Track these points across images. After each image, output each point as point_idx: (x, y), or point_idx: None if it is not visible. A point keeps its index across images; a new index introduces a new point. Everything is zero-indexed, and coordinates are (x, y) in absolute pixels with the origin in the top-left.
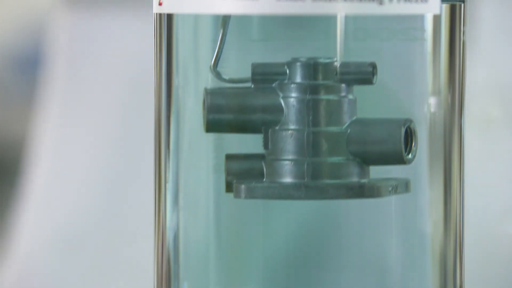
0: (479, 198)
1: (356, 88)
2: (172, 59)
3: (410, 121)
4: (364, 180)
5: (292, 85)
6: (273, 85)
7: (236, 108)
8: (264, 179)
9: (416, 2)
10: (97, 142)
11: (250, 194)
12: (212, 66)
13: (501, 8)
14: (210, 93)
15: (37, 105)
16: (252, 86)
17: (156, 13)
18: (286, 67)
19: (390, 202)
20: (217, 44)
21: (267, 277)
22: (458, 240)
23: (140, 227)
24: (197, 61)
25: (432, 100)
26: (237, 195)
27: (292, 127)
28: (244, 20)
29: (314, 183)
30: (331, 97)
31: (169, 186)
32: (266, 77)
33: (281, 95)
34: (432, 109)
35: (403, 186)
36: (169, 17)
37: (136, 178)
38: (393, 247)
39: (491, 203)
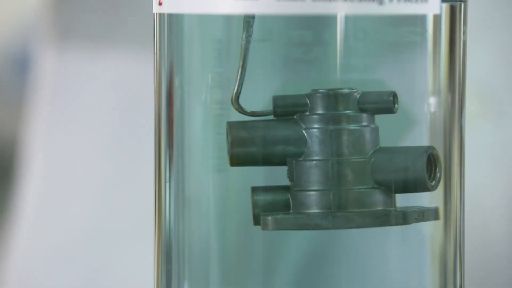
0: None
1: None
2: (171, 59)
3: (433, 148)
4: (390, 209)
5: (314, 117)
6: (295, 117)
7: (260, 141)
8: (291, 210)
9: (416, 2)
10: (90, 142)
11: (278, 226)
12: (233, 98)
13: (476, 5)
14: (233, 127)
15: (29, 106)
16: (274, 118)
17: (156, 13)
18: (307, 98)
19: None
20: (237, 76)
21: (267, 277)
22: (458, 240)
23: (136, 228)
24: (197, 61)
25: (432, 100)
26: (265, 227)
27: (316, 157)
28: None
29: (341, 213)
30: (354, 126)
31: (170, 185)
32: (287, 109)
33: (303, 126)
34: (432, 109)
35: (432, 213)
36: (169, 17)
37: (131, 178)
38: (393, 247)
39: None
